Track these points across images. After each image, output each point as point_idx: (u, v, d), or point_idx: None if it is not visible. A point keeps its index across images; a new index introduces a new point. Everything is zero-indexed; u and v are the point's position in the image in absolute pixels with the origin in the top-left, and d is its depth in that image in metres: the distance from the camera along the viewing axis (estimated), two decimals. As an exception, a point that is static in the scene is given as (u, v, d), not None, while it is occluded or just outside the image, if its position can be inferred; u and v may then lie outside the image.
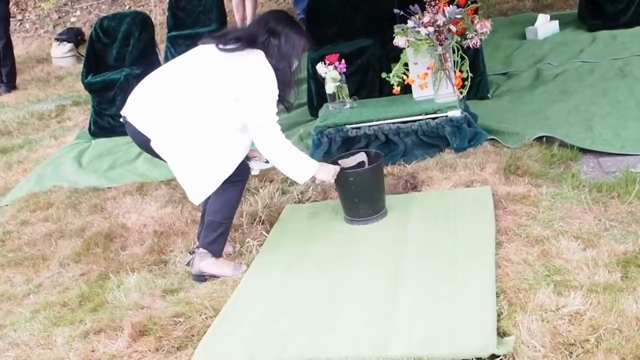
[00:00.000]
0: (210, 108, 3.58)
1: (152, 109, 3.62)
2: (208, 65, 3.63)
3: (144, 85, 3.73)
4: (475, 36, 4.64)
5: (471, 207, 3.99)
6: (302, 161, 3.76)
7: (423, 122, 4.79)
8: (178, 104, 3.58)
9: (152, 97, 3.65)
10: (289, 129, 5.91)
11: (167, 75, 3.72)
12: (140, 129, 3.60)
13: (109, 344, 3.33)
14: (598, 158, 4.44)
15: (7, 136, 7.70)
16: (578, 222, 3.66)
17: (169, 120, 3.58)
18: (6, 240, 4.87)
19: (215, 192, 3.71)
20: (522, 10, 8.94)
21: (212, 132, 3.59)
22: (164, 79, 3.70)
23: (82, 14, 12.72)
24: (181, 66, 3.72)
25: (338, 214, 4.22)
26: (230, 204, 3.79)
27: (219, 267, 3.80)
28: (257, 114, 3.58)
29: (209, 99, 3.57)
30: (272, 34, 3.65)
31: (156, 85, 3.69)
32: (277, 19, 3.73)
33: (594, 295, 2.99)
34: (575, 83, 5.84)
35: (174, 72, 3.71)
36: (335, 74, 5.01)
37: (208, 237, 3.79)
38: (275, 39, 3.64)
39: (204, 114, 3.57)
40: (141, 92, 3.71)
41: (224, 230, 3.82)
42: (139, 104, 3.67)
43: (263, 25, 3.69)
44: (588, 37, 7.01)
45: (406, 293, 3.28)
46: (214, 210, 3.78)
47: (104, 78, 6.81)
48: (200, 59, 3.68)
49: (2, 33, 9.65)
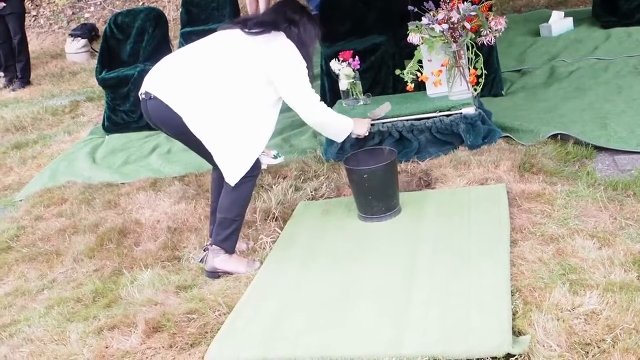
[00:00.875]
0: (242, 87, 3.63)
1: (184, 87, 3.60)
2: (237, 46, 3.67)
3: (168, 65, 3.73)
4: (490, 33, 4.62)
5: (485, 204, 3.97)
6: (341, 121, 4.01)
7: (437, 119, 4.78)
8: (210, 83, 3.60)
9: (182, 76, 3.64)
10: (303, 125, 5.91)
11: (193, 56, 3.72)
12: (174, 107, 3.55)
13: (122, 340, 3.34)
14: (613, 156, 4.41)
15: (21, 131, 7.74)
16: (593, 220, 3.64)
17: (203, 99, 3.58)
18: (20, 236, 4.89)
19: (226, 189, 3.74)
20: (536, 7, 8.90)
21: (245, 109, 3.64)
22: (191, 60, 3.71)
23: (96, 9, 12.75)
24: (207, 47, 3.74)
25: (352, 211, 4.21)
26: (242, 200, 3.80)
27: (232, 264, 3.80)
28: (295, 88, 3.72)
29: (241, 78, 3.63)
30: (291, 23, 3.73)
31: (183, 65, 3.70)
32: (293, 8, 3.82)
33: (610, 294, 2.97)
34: (589, 80, 5.80)
35: (201, 52, 3.72)
36: (349, 71, 4.99)
37: (221, 234, 3.79)
38: (295, 28, 3.74)
39: (236, 93, 3.62)
40: (167, 71, 3.70)
41: (237, 227, 3.82)
42: (168, 82, 3.64)
43: (282, 14, 3.76)
44: (602, 34, 6.97)
45: (420, 291, 3.27)
46: (225, 207, 3.77)
47: (118, 74, 6.83)
48: (228, 41, 3.71)
49: (18, 29, 9.68)
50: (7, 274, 4.39)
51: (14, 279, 4.29)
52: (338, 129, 4.02)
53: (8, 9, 9.48)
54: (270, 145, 5.54)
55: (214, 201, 4.02)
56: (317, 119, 3.87)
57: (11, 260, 4.52)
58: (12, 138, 7.50)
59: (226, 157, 3.65)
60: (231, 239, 3.82)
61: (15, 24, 9.66)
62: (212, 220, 4.04)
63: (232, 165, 3.67)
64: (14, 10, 9.58)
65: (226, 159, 3.66)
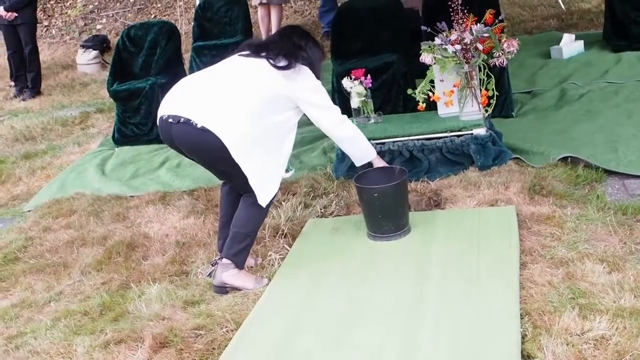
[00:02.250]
0: (270, 114, 3.73)
1: (219, 112, 3.63)
2: (264, 78, 3.76)
3: (194, 88, 3.80)
4: (502, 55, 4.63)
5: (495, 226, 3.97)
6: (365, 142, 4.15)
7: (448, 139, 4.78)
8: (244, 109, 3.66)
9: (215, 101, 3.67)
10: (313, 142, 5.93)
11: (224, 81, 3.77)
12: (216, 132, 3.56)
13: (129, 355, 3.34)
14: (623, 180, 4.40)
15: (31, 141, 7.75)
16: (603, 244, 3.63)
17: (238, 124, 3.62)
18: (28, 247, 4.89)
19: (245, 204, 3.78)
20: (547, 29, 8.91)
21: (274, 134, 3.77)
22: (221, 85, 3.76)
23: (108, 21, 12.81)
24: (234, 75, 3.82)
25: (361, 230, 4.21)
26: (259, 217, 3.83)
27: (241, 280, 3.80)
28: (323, 112, 3.94)
29: (269, 106, 3.73)
30: (300, 49, 3.87)
31: (213, 89, 3.74)
32: (299, 34, 3.99)
33: (619, 320, 2.96)
34: (600, 104, 5.80)
35: (228, 79, 3.79)
36: (360, 89, 5.00)
37: (233, 248, 3.79)
38: (304, 53, 3.87)
39: (268, 120, 3.72)
40: (195, 95, 3.74)
41: (249, 242, 3.84)
42: (200, 106, 3.66)
43: (288, 40, 3.91)
44: (613, 57, 6.97)
45: (429, 312, 3.26)
46: (242, 222, 3.80)
47: (130, 87, 6.84)
48: (255, 72, 3.79)
49: (29, 39, 9.73)
50: (14, 285, 4.38)
51: (21, 290, 4.29)
52: (362, 148, 4.13)
53: (20, 19, 9.54)
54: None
55: (224, 215, 4.03)
56: (344, 133, 4.02)
57: (18, 272, 4.52)
58: (22, 148, 7.51)
59: (260, 180, 3.70)
60: (242, 254, 3.83)
61: (27, 34, 9.71)
62: (220, 235, 4.05)
63: (264, 187, 3.73)
64: (25, 21, 9.63)
65: (260, 181, 3.70)
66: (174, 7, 12.34)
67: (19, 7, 9.50)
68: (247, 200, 3.78)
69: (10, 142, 7.82)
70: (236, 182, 3.79)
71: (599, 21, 8.32)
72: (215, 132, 3.55)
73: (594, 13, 9.05)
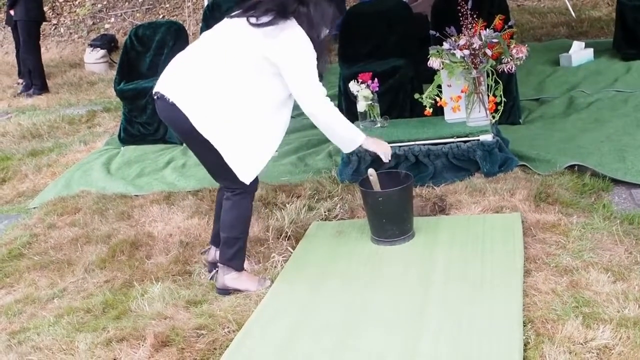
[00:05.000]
0: (250, 84, 3.53)
1: (190, 86, 3.53)
2: (243, 42, 3.53)
3: (179, 63, 3.67)
4: (511, 61, 4.62)
5: (500, 233, 3.95)
6: (349, 128, 3.75)
7: (454, 145, 4.77)
8: (217, 82, 3.52)
9: (188, 75, 3.57)
10: (318, 145, 5.93)
11: (201, 53, 3.63)
12: (183, 108, 3.48)
13: (130, 353, 3.33)
14: (630, 189, 4.39)
15: (37, 139, 7.77)
16: (608, 253, 3.62)
17: (210, 99, 3.51)
18: (33, 243, 4.89)
19: (225, 208, 3.72)
20: (556, 36, 8.91)
21: (254, 106, 3.55)
22: (198, 56, 3.63)
23: (116, 20, 12.85)
24: (214, 43, 3.63)
25: (365, 234, 4.20)
26: (243, 217, 3.77)
27: (243, 282, 3.79)
28: (301, 82, 3.54)
29: (249, 75, 3.53)
30: (301, 3, 3.54)
31: (191, 63, 3.62)
32: None
33: (623, 329, 2.94)
34: (608, 112, 5.79)
35: (208, 49, 3.62)
36: (367, 93, 5.00)
37: (227, 254, 3.78)
38: (304, 8, 3.54)
39: (245, 91, 3.52)
40: (177, 70, 3.64)
41: (241, 245, 3.80)
42: (175, 81, 3.58)
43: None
44: (623, 66, 6.96)
45: (431, 318, 3.25)
46: (228, 226, 3.75)
47: (137, 86, 6.84)
48: (234, 36, 3.58)
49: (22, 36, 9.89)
50: (18, 280, 4.39)
51: (25, 287, 4.29)
52: (344, 136, 3.78)
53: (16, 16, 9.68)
54: (285, 164, 5.60)
55: (216, 222, 4.02)
56: (322, 118, 3.65)
57: (22, 268, 4.52)
58: (28, 145, 7.53)
59: (236, 155, 3.55)
60: (238, 257, 3.80)
61: (21, 31, 9.83)
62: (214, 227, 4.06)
63: (243, 163, 3.58)
64: (19, 18, 9.78)
65: (236, 156, 3.55)
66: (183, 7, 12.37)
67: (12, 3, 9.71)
68: (227, 203, 3.71)
69: (17, 139, 7.85)
70: (216, 170, 3.67)
71: (609, 29, 8.33)
72: (180, 107, 3.48)
73: (605, 21, 9.05)
